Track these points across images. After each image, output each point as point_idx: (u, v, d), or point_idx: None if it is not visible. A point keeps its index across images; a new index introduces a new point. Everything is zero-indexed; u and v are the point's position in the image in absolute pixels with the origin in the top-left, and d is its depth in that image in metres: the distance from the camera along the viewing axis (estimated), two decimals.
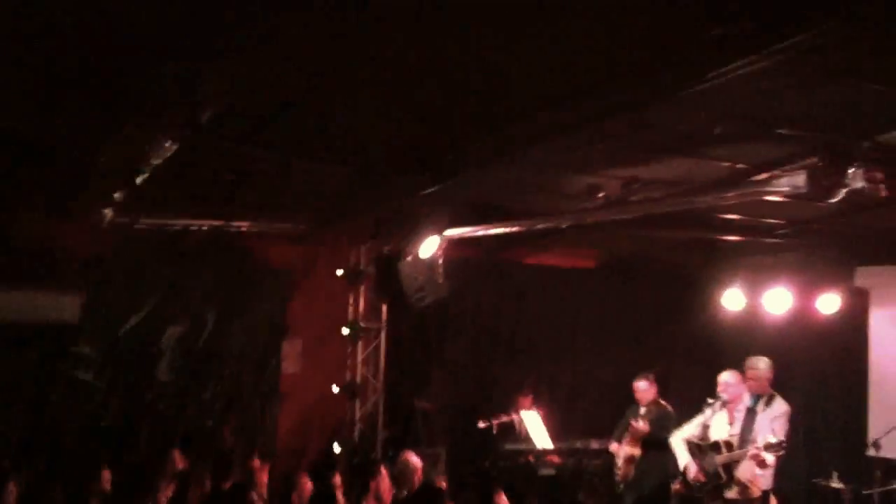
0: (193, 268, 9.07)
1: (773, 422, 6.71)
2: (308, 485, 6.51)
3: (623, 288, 10.39)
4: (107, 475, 6.38)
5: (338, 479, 6.77)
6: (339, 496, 6.26)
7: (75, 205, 7.24)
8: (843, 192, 5.19)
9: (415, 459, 7.31)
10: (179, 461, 6.90)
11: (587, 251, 10.23)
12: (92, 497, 6.32)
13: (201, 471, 6.72)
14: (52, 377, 8.49)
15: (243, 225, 8.46)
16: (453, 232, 8.38)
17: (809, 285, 9.10)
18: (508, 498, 6.50)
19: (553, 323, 10.32)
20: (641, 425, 7.92)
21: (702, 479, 6.90)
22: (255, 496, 6.14)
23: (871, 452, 8.09)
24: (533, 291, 10.16)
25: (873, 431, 8.78)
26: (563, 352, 10.29)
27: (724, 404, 6.98)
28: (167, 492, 6.46)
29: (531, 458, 8.75)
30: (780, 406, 6.82)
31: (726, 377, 7.08)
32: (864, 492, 7.84)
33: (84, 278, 8.52)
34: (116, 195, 6.51)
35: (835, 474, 7.88)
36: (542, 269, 10.26)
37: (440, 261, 8.67)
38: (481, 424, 8.86)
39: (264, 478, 6.78)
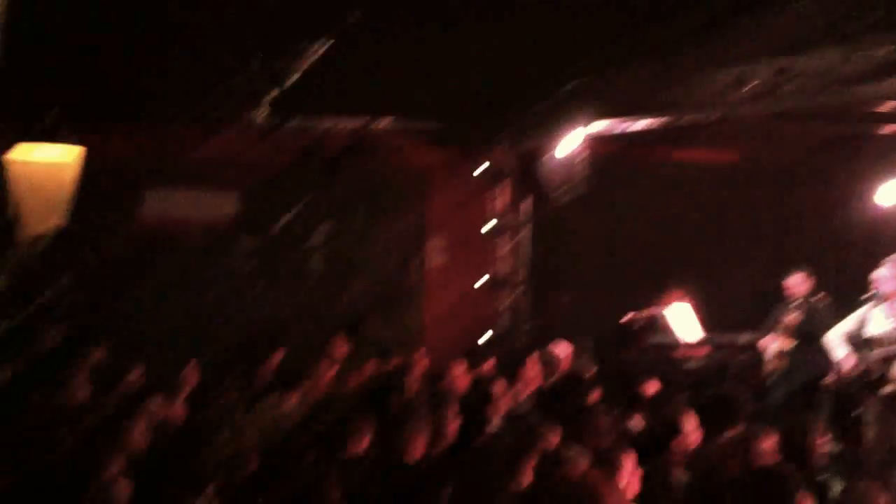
0: (339, 169, 9.39)
1: None
2: (460, 372, 6.75)
3: (770, 186, 10.11)
4: (277, 357, 6.79)
5: (489, 367, 7.00)
6: (491, 384, 6.46)
7: (229, 108, 7.56)
8: None
9: (561, 349, 7.47)
10: (341, 346, 7.26)
11: (731, 149, 9.96)
12: (259, 380, 6.76)
13: (361, 356, 7.06)
14: (213, 270, 9.07)
15: (385, 123, 8.65)
16: (595, 128, 8.32)
17: None
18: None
19: (698, 219, 10.16)
20: (794, 318, 7.78)
21: (857, 373, 6.78)
22: (412, 381, 6.42)
23: None
24: (677, 187, 9.99)
25: None
26: (710, 247, 10.14)
27: (882, 299, 6.79)
28: (328, 375, 6.82)
29: (677, 352, 8.78)
30: None
31: (882, 272, 6.87)
32: None
33: (240, 179, 8.98)
34: (266, 97, 6.77)
35: None
36: (685, 165, 10.06)
37: (582, 157, 8.66)
38: (628, 317, 8.92)
39: (421, 365, 7.06)
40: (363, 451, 4.85)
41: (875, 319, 6.83)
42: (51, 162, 6.49)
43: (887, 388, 6.61)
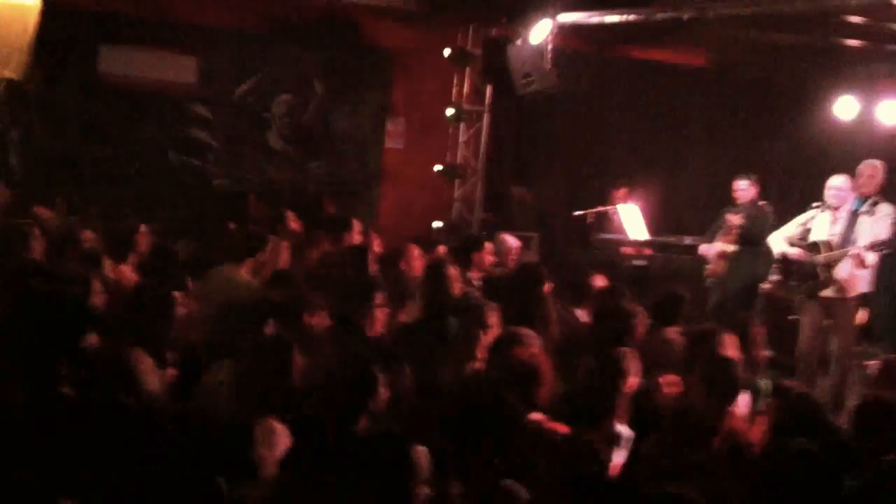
0: (305, 41, 9.21)
1: (876, 223, 6.70)
2: (417, 252, 6.81)
3: (732, 91, 10.19)
4: (230, 227, 6.76)
5: (442, 250, 7.07)
6: (448, 267, 6.53)
7: None
8: None
9: (512, 239, 7.56)
10: (294, 223, 7.24)
11: (699, 51, 9.97)
12: (208, 249, 6.75)
13: (315, 233, 7.07)
14: (170, 134, 8.94)
15: None
16: (567, 17, 8.25)
17: None
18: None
19: (658, 119, 10.24)
20: (737, 220, 7.93)
21: (796, 277, 6.96)
22: (371, 258, 6.47)
23: None
24: (640, 87, 10.04)
25: None
26: (664, 148, 10.26)
27: (830, 207, 6.94)
28: (283, 251, 6.81)
29: (623, 249, 8.96)
30: (886, 208, 6.78)
31: (838, 181, 6.97)
32: None
33: (201, 43, 8.76)
34: None
35: None
36: (651, 65, 10.08)
37: (549, 47, 8.59)
38: (577, 213, 9.03)
39: (376, 245, 7.10)
40: (323, 325, 4.91)
41: (819, 225, 6.97)
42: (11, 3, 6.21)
43: (826, 293, 6.81)
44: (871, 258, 6.66)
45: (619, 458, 4.13)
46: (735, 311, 7.69)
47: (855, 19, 7.60)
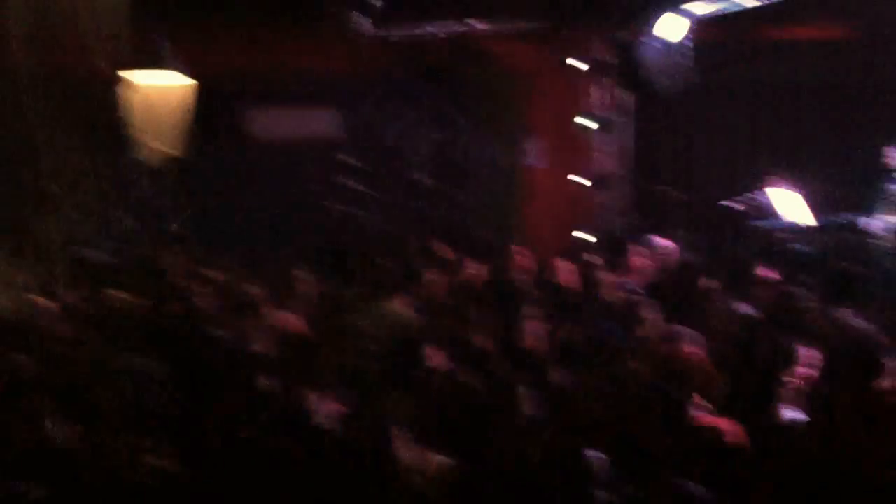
0: (442, 77, 9.48)
1: None
2: (568, 266, 6.81)
3: (881, 61, 9.60)
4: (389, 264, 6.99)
5: (596, 259, 7.04)
6: (603, 275, 6.50)
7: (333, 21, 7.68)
8: None
9: (664, 241, 7.43)
10: (445, 251, 7.41)
11: (841, 22, 9.48)
12: (367, 284, 6.99)
13: (466, 259, 7.19)
14: (326, 188, 9.37)
15: (483, 27, 8.65)
16: (702, 8, 8.04)
17: None
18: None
19: (810, 99, 9.80)
20: None
21: None
22: (521, 276, 6.52)
23: None
24: (788, 67, 9.61)
25: None
26: (819, 127, 9.80)
27: None
28: (436, 278, 6.97)
29: (783, 235, 8.60)
30: None
31: None
32: None
33: (343, 94, 9.17)
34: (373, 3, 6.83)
35: None
36: (796, 44, 9.64)
37: (687, 43, 8.43)
38: (731, 204, 8.76)
39: (526, 263, 7.14)
40: (486, 344, 4.98)
41: None
42: (162, 86, 6.73)
43: None
44: None
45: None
46: None
47: None
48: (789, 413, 4.12)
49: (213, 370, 4.16)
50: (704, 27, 8.38)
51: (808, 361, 4.33)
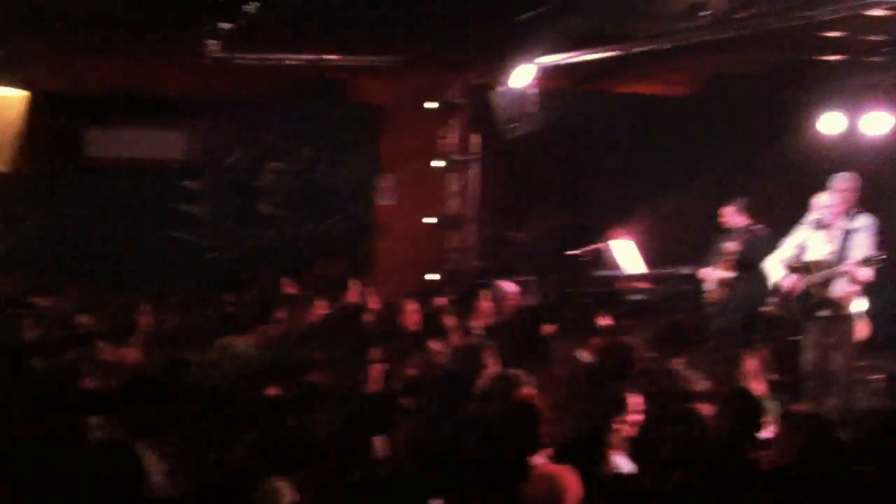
0: (290, 104, 9.34)
1: (860, 238, 6.72)
2: (413, 307, 6.83)
3: (716, 115, 10.24)
4: (229, 298, 6.81)
5: (442, 301, 7.10)
6: (446, 318, 6.56)
7: (182, 41, 7.45)
8: None
9: (509, 285, 7.60)
10: (290, 287, 7.29)
11: (680, 78, 10.07)
12: (208, 323, 6.77)
13: (311, 296, 7.09)
14: (162, 211, 9.02)
15: (337, 58, 8.62)
16: (548, 59, 8.33)
17: None
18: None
19: (645, 152, 10.30)
20: (732, 246, 7.98)
21: (795, 297, 6.96)
22: (367, 316, 6.49)
23: None
24: (625, 120, 10.10)
25: None
26: (655, 180, 10.30)
27: (822, 226, 6.95)
28: (281, 316, 6.84)
29: (621, 285, 8.96)
30: (864, 220, 6.80)
31: (824, 199, 7.00)
32: None
33: (187, 117, 8.88)
34: (223, 26, 6.69)
35: None
36: (634, 97, 10.16)
37: (534, 91, 8.70)
38: (572, 252, 9.06)
39: (373, 302, 7.13)
40: (323, 383, 4.92)
41: (814, 245, 6.97)
42: None
43: (823, 312, 6.80)
44: (864, 273, 6.66)
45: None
46: (737, 336, 7.70)
47: (832, 34, 7.67)
48: (619, 461, 4.25)
49: (32, 404, 3.91)
50: (551, 76, 8.68)
51: (636, 409, 4.48)
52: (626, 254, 9.04)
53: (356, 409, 4.44)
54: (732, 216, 8.23)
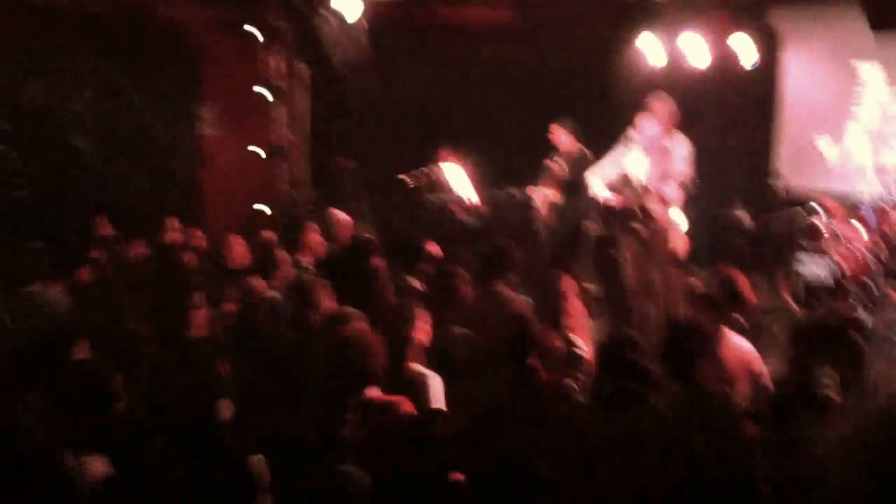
0: (101, 32, 8.72)
1: (677, 158, 7.00)
2: (240, 243, 6.64)
3: (542, 45, 10.33)
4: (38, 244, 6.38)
5: (269, 235, 6.92)
6: (275, 251, 6.41)
7: None
8: None
9: (342, 216, 7.49)
10: (107, 228, 6.91)
11: (506, 8, 10.08)
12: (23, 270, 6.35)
13: (131, 235, 6.77)
14: None
15: None
16: None
17: (725, 27, 9.32)
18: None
19: (475, 77, 10.31)
20: (559, 167, 8.16)
21: (616, 214, 7.20)
22: (189, 256, 6.25)
23: (774, 182, 8.54)
24: (455, 47, 10.05)
25: (779, 162, 9.29)
26: (484, 103, 10.35)
27: (642, 146, 7.17)
28: (100, 258, 6.52)
29: (453, 209, 8.98)
30: (682, 143, 7.08)
31: (647, 120, 7.21)
32: (763, 219, 8.43)
33: None
34: None
35: (738, 205, 8.36)
36: (465, 26, 10.07)
37: (361, 18, 8.48)
38: (402, 177, 9.00)
39: (196, 240, 6.88)
40: (144, 330, 4.71)
41: (633, 164, 7.21)
42: None
43: (641, 228, 7.06)
44: (675, 193, 6.96)
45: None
46: (565, 255, 7.92)
47: None
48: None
49: None
50: (380, 6, 8.49)
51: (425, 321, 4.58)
52: (457, 177, 9.05)
53: (177, 359, 4.30)
54: (560, 137, 8.38)
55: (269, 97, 9.25)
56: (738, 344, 4.76)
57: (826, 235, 7.86)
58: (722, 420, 3.89)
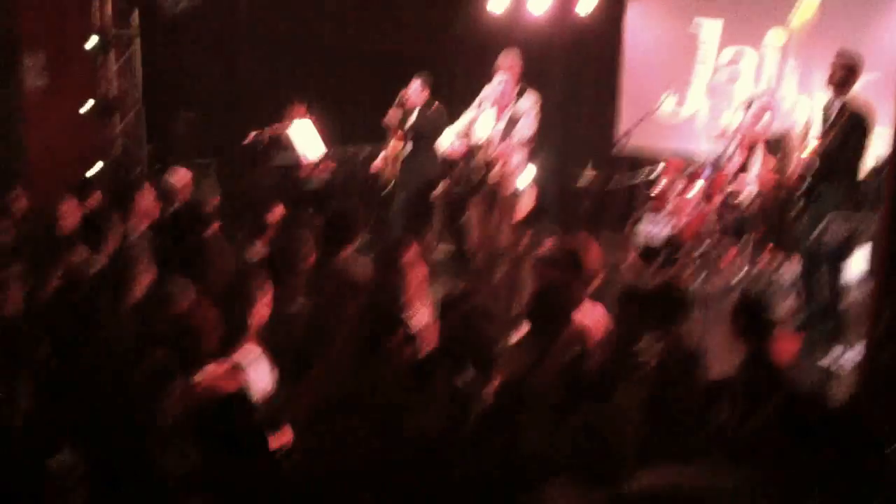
0: None
1: (525, 116, 6.96)
2: (69, 207, 6.17)
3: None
4: None
5: (99, 199, 6.47)
6: (106, 217, 5.96)
7: None
8: None
9: (182, 173, 7.06)
10: None
11: None
12: None
13: None
14: None
15: None
16: None
17: None
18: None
19: (321, 28, 9.96)
20: (410, 123, 7.99)
21: (463, 176, 7.11)
22: (6, 223, 5.77)
23: (619, 146, 8.68)
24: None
25: (624, 124, 9.43)
26: (333, 58, 10.03)
27: (493, 104, 7.07)
28: None
29: (301, 170, 8.70)
30: (529, 98, 7.04)
31: (499, 78, 7.10)
32: (610, 180, 8.56)
33: None
34: None
35: (587, 168, 8.45)
36: None
37: None
38: (250, 137, 8.64)
39: (22, 201, 6.36)
40: None
41: (483, 122, 7.12)
42: None
43: (487, 190, 7.01)
44: (517, 156, 6.93)
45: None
46: (414, 213, 7.81)
47: None
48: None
49: None
50: None
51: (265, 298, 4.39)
52: (306, 135, 8.75)
53: None
54: (415, 93, 8.20)
55: (99, 47, 8.64)
56: (587, 307, 4.76)
57: (667, 195, 8.04)
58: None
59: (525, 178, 7.12)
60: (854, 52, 6.23)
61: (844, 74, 6.14)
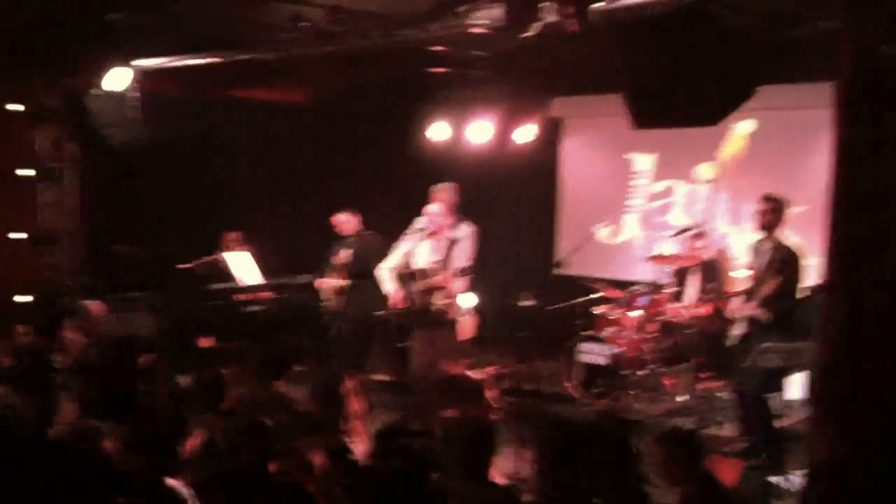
0: None
1: (461, 244, 7.02)
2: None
3: (333, 125, 10.29)
4: None
5: (21, 331, 6.29)
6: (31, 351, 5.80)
7: None
8: (538, 26, 5.48)
9: (95, 307, 6.92)
10: None
11: (298, 87, 9.95)
12: None
13: None
14: None
15: None
16: (145, 63, 7.79)
17: (510, 116, 9.66)
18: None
19: (262, 160, 10.07)
20: (346, 255, 8.02)
21: (403, 305, 7.11)
22: None
23: (557, 271, 8.77)
24: (242, 128, 9.80)
25: (561, 251, 9.57)
26: (271, 189, 10.10)
27: (429, 234, 7.13)
28: None
29: (237, 298, 8.60)
30: (466, 228, 7.12)
31: (433, 208, 7.20)
32: (550, 307, 8.59)
33: None
34: None
35: (525, 293, 8.49)
36: (251, 105, 9.83)
37: (135, 95, 8.06)
38: (185, 265, 8.55)
39: None
40: None
41: (421, 252, 7.16)
42: None
43: (428, 320, 6.99)
44: (459, 283, 6.96)
45: None
46: (353, 344, 7.72)
47: (438, 49, 7.92)
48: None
49: None
50: (158, 80, 8.11)
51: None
52: (242, 265, 8.70)
53: None
54: (345, 223, 8.25)
55: (35, 178, 8.57)
56: None
57: (606, 322, 8.07)
58: None
59: (465, 304, 7.12)
60: (778, 193, 6.34)
61: (773, 218, 6.27)
